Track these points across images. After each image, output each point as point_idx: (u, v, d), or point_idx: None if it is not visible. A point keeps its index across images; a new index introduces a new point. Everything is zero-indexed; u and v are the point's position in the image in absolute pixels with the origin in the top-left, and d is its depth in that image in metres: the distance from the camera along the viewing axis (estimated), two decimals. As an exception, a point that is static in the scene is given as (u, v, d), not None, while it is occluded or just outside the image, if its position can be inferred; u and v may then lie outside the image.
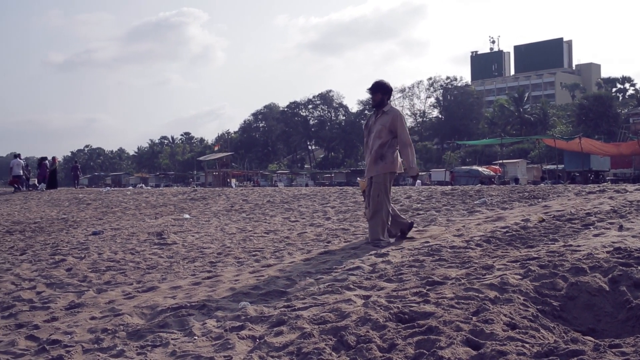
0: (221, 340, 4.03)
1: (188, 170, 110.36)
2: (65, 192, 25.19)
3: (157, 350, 4.01)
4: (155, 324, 4.63)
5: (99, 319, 5.06)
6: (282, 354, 3.66)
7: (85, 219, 14.25)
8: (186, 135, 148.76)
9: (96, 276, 7.15)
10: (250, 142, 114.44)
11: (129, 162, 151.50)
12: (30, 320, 5.35)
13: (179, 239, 9.55)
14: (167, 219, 12.86)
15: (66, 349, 4.28)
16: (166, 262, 7.67)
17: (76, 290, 6.48)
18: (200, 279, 6.34)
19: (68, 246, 9.78)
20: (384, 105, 7.67)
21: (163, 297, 5.60)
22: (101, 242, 9.98)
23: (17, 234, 12.27)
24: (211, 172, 70.15)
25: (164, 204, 16.35)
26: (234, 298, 5.14)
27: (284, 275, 5.86)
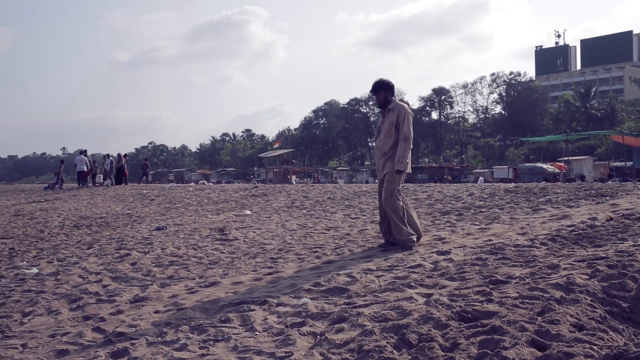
0: (282, 336, 4.04)
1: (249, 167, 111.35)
2: (130, 188, 25.75)
3: (219, 345, 4.05)
4: (217, 318, 4.67)
5: (163, 313, 5.15)
6: (343, 351, 3.64)
7: (149, 214, 14.53)
8: (247, 132, 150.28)
9: (160, 270, 7.28)
10: (311, 139, 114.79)
11: (191, 159, 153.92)
12: (97, 312, 5.49)
13: (241, 235, 9.64)
14: (229, 215, 13.00)
15: (131, 341, 4.37)
16: (228, 258, 7.75)
17: (140, 284, 6.61)
18: (262, 274, 6.39)
19: (133, 241, 9.99)
20: (388, 102, 7.47)
21: (225, 292, 5.66)
22: (164, 237, 10.16)
23: (84, 228, 12.62)
24: (272, 169, 70.71)
25: (226, 200, 16.53)
26: (294, 294, 5.15)
27: (345, 272, 5.84)
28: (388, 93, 7.47)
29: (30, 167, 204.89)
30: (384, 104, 7.48)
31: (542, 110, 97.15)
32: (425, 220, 9.69)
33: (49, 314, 5.67)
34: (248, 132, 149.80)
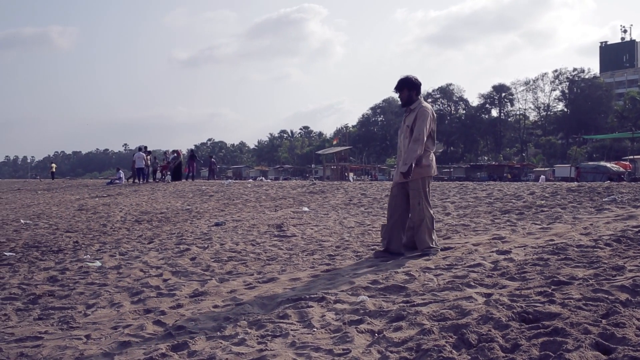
0: (340, 333, 4.04)
1: (306, 164, 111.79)
2: (189, 184, 26.15)
3: (277, 341, 4.06)
4: (275, 314, 4.70)
5: (221, 308, 5.20)
6: (401, 350, 3.61)
7: (208, 210, 14.72)
8: (305, 129, 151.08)
9: (218, 266, 7.37)
10: (369, 136, 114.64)
11: (249, 155, 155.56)
12: (157, 306, 5.58)
13: (298, 232, 9.68)
14: (287, 211, 13.06)
15: (190, 335, 4.43)
16: (285, 254, 7.79)
17: (200, 279, 6.70)
18: (319, 271, 6.40)
19: (192, 236, 10.14)
20: (412, 102, 6.97)
21: (282, 288, 5.69)
22: (223, 233, 10.27)
23: (145, 223, 12.87)
24: (329, 166, 70.78)
25: (284, 197, 16.63)
26: (352, 291, 5.13)
27: (403, 270, 5.80)
28: (412, 92, 6.97)
29: (94, 163, 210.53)
30: (407, 103, 7.01)
31: (606, 107, 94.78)
32: (485, 219, 9.55)
33: (111, 307, 5.80)
34: (306, 129, 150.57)
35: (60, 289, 6.88)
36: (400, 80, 7.02)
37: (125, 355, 4.20)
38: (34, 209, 18.91)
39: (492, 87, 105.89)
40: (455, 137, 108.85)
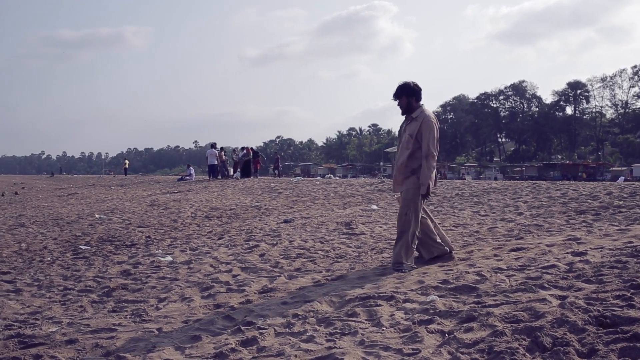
0: (409, 332, 3.99)
1: (375, 162, 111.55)
2: (258, 181, 26.40)
3: (345, 339, 4.04)
4: (344, 312, 4.68)
5: (290, 304, 5.21)
6: (473, 351, 3.54)
7: (276, 207, 14.82)
8: (374, 126, 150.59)
9: (287, 263, 7.40)
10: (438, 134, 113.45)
11: (317, 153, 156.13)
12: (227, 301, 5.64)
13: (367, 230, 9.64)
14: (355, 209, 13.03)
15: (259, 330, 4.46)
16: (354, 252, 7.76)
17: (269, 275, 6.75)
18: (388, 270, 6.34)
19: (261, 233, 10.22)
20: (412, 109, 6.56)
21: (351, 286, 5.66)
22: (292, 229, 10.32)
23: (214, 219, 13.05)
24: (398, 164, 70.29)
25: (352, 195, 16.60)
26: (422, 291, 5.06)
27: (474, 270, 5.69)
28: (412, 98, 6.55)
29: (165, 159, 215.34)
30: (407, 111, 6.59)
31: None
32: (559, 220, 9.29)
33: (182, 301, 5.89)
34: (374, 127, 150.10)
35: (133, 282, 7.04)
36: (398, 87, 6.62)
37: (195, 349, 4.25)
38: (108, 204, 19.44)
39: (566, 84, 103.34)
40: (528, 135, 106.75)
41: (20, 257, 9.73)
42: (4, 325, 5.48)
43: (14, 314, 6.00)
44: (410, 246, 6.40)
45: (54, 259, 9.27)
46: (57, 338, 4.91)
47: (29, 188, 39.75)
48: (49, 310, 6.04)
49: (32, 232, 13.28)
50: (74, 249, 10.13)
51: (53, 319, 5.61)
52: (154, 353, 4.21)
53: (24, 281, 7.67)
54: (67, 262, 8.87)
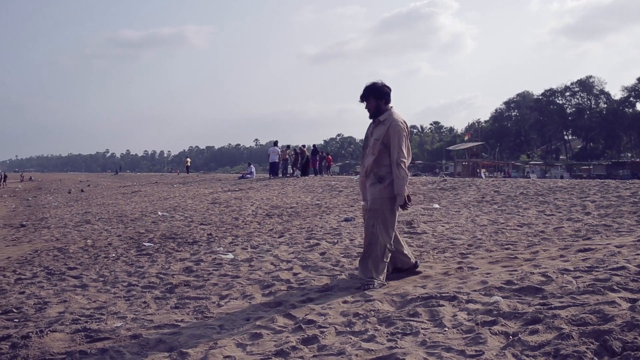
0: (472, 334, 3.91)
1: (436, 160, 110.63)
2: (319, 179, 26.45)
3: (407, 339, 3.99)
4: (405, 312, 4.62)
5: (351, 303, 5.18)
6: (538, 354, 3.44)
7: (337, 205, 14.81)
8: (435, 124, 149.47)
9: (348, 261, 7.37)
10: (502, 132, 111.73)
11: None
12: (288, 299, 5.65)
13: (429, 229, 9.53)
14: (417, 208, 12.91)
15: (320, 329, 4.44)
16: (416, 251, 7.67)
17: (329, 273, 6.73)
18: (451, 269, 6.25)
19: (322, 231, 10.22)
20: (380, 112, 6.09)
21: (413, 285, 5.60)
22: (353, 228, 10.28)
23: (275, 217, 13.12)
24: (460, 162, 69.74)
25: (413, 193, 16.44)
26: (485, 291, 4.96)
27: (539, 271, 5.54)
28: (380, 101, 6.08)
29: (226, 157, 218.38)
30: (376, 114, 6.12)
31: None
32: (629, 220, 8.99)
33: (243, 298, 5.93)
34: (436, 125, 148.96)
35: (195, 279, 7.12)
36: (365, 87, 6.17)
37: (257, 347, 4.27)
38: (170, 202, 19.80)
39: (636, 79, 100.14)
40: (595, 133, 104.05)
41: (86, 253, 9.99)
42: (71, 319, 5.61)
43: (80, 308, 6.15)
44: (382, 260, 5.90)
45: (118, 255, 9.48)
46: (122, 333, 5.00)
47: (94, 186, 40.90)
48: (113, 305, 6.17)
49: (98, 228, 13.63)
50: (137, 245, 10.34)
51: (118, 314, 5.72)
52: (216, 350, 4.25)
53: (89, 277, 7.86)
54: (131, 259, 9.05)
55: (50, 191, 38.86)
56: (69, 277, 7.89)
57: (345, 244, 8.60)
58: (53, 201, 27.07)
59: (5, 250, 11.46)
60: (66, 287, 7.33)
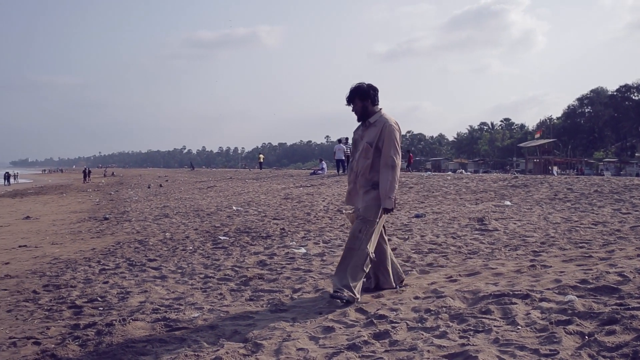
0: (546, 332, 3.89)
1: (507, 157, 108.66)
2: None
3: (479, 336, 4.00)
4: (477, 309, 4.62)
5: (422, 299, 5.22)
6: (615, 355, 3.40)
7: (407, 201, 14.79)
8: (506, 121, 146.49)
9: (419, 257, 7.39)
10: (574, 129, 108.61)
11: (448, 148, 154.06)
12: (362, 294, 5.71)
13: (500, 226, 9.44)
14: (488, 205, 12.78)
15: (392, 324, 4.50)
16: (487, 249, 7.64)
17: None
18: (523, 267, 6.19)
19: (392, 227, 10.24)
20: (369, 114, 5.75)
21: (485, 283, 5.58)
22: (423, 224, 10.28)
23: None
24: (531, 159, 68.34)
25: (484, 190, 16.27)
26: (559, 290, 4.91)
27: (615, 270, 5.44)
28: (367, 102, 5.74)
29: (298, 154, 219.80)
30: (364, 116, 5.78)
31: None
32: None
33: (315, 292, 6.03)
34: (507, 122, 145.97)
35: (269, 272, 7.28)
36: (350, 89, 5.81)
37: (329, 340, 4.35)
38: (244, 197, 20.13)
39: None
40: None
41: (165, 245, 10.31)
42: (151, 309, 5.84)
43: (160, 298, 6.38)
44: (361, 269, 5.50)
45: (195, 248, 9.74)
46: (199, 323, 5.19)
47: (172, 181, 41.90)
48: (191, 296, 6.37)
49: (175, 222, 14.01)
50: (213, 239, 10.59)
51: (195, 305, 5.91)
52: (289, 342, 4.35)
53: (168, 268, 8.12)
54: (207, 252, 9.29)
55: (131, 186, 40.05)
56: (149, 269, 8.19)
57: (416, 240, 8.61)
58: (134, 195, 27.91)
59: (90, 241, 11.95)
60: (146, 277, 7.61)
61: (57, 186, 48.57)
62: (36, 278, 8.23)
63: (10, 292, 7.43)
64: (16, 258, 10.33)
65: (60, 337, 5.19)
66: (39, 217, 19.61)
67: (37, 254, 10.64)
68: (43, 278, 8.19)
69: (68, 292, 7.12)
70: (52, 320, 5.88)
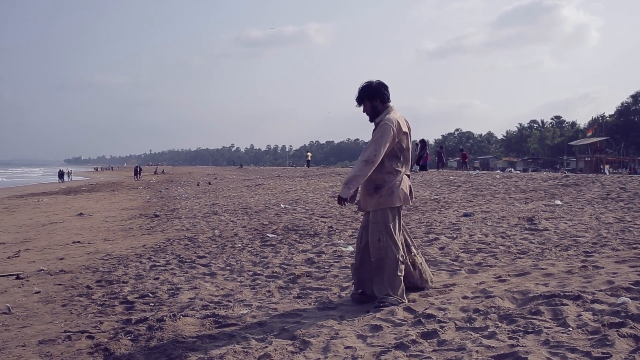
0: (598, 335, 3.82)
1: (557, 155, 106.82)
2: (437, 174, 26.22)
3: (528, 337, 3.96)
4: (527, 309, 4.57)
5: (471, 299, 5.18)
6: (671, 359, 3.34)
7: (455, 200, 14.68)
8: (557, 118, 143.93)
9: (467, 257, 7.34)
10: (628, 126, 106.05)
11: (497, 146, 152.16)
12: (408, 294, 5.70)
13: (551, 226, 9.30)
14: (538, 204, 12.60)
15: (440, 324, 4.48)
16: (537, 248, 7.54)
17: (448, 269, 6.74)
18: (574, 268, 6.09)
19: (441, 226, 10.19)
20: (378, 113, 5.51)
21: (534, 283, 5.51)
22: (472, 223, 10.20)
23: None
24: (583, 158, 67.05)
25: (534, 189, 16.04)
26: (612, 292, 4.81)
27: (670, 272, 5.33)
28: (375, 101, 5.51)
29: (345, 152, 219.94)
30: (374, 116, 5.54)
31: None
32: None
33: (363, 291, 6.03)
34: (557, 119, 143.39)
35: (317, 270, 7.32)
36: (359, 89, 5.58)
37: (377, 339, 4.36)
38: (292, 195, 20.25)
39: None
40: None
41: (214, 242, 10.45)
42: (201, 305, 5.94)
43: (209, 295, 6.48)
44: (396, 275, 5.38)
45: (244, 245, 9.85)
46: (248, 320, 5.25)
47: (220, 178, 42.44)
48: (239, 293, 6.45)
49: (224, 219, 14.18)
50: (261, 236, 10.70)
51: (244, 302, 5.99)
52: (337, 340, 4.37)
53: (217, 265, 8.24)
54: (255, 249, 9.39)
55: (181, 183, 40.66)
56: (199, 265, 8.32)
57: (464, 239, 8.55)
58: (183, 193, 28.31)
59: (142, 238, 12.18)
60: (196, 274, 7.73)
61: (109, 184, 49.54)
62: (89, 273, 8.44)
63: (65, 287, 7.64)
64: (70, 254, 10.60)
65: (112, 332, 5.32)
66: (91, 213, 20.05)
67: (90, 250, 10.90)
68: (96, 273, 8.39)
69: (120, 287, 7.29)
70: (105, 315, 6.03)
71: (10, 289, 7.74)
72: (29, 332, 5.59)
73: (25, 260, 10.16)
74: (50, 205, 25.92)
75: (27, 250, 11.43)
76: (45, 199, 29.96)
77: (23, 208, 24.54)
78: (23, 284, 7.99)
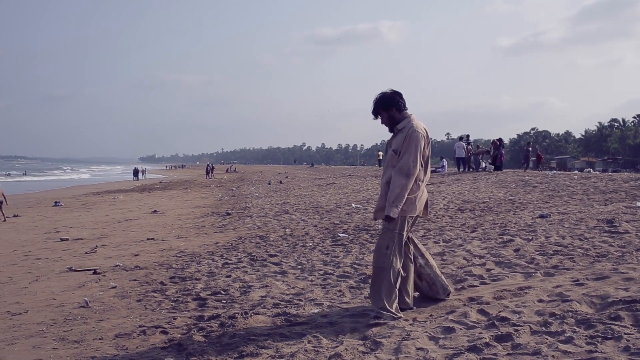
0: (683, 342, 3.67)
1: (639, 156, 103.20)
2: (512, 174, 25.71)
3: (607, 343, 3.83)
4: (606, 314, 4.43)
5: (547, 303, 5.05)
6: None
7: (531, 201, 14.35)
8: (639, 117, 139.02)
9: (543, 259, 7.16)
10: None
11: (574, 146, 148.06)
12: (480, 295, 5.62)
13: (632, 228, 8.96)
14: (618, 206, 12.18)
15: (514, 327, 4.39)
16: (617, 252, 7.28)
17: (523, 271, 6.59)
18: (658, 273, 5.87)
19: (515, 227, 9.97)
20: (396, 121, 5.42)
21: (614, 287, 5.32)
22: (548, 225, 9.94)
23: (467, 212, 12.98)
24: (667, 158, 64.44)
25: (614, 190, 15.53)
26: (697, 298, 4.61)
27: None
28: (391, 110, 5.42)
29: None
30: (392, 125, 5.47)
31: None
32: None
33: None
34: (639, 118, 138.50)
35: (387, 271, 7.26)
36: (373, 103, 5.50)
37: (449, 341, 4.31)
38: (363, 194, 20.22)
39: None
40: None
41: (285, 241, 10.54)
42: (272, 304, 6.00)
43: (280, 293, 6.54)
44: (394, 287, 5.25)
45: (315, 244, 9.90)
46: (319, 320, 5.27)
47: (291, 178, 42.77)
48: (310, 292, 6.48)
49: (295, 218, 14.29)
50: (332, 236, 10.72)
51: (315, 301, 6.01)
52: (409, 341, 4.34)
53: (288, 264, 8.30)
54: (326, 248, 9.41)
55: (252, 182, 41.26)
56: (270, 264, 8.41)
57: (540, 241, 8.34)
58: (254, 192, 28.70)
59: (214, 236, 12.40)
60: (267, 272, 7.82)
61: (182, 182, 50.65)
62: (163, 270, 8.64)
63: (139, 282, 7.85)
64: (145, 250, 10.88)
65: (185, 328, 5.44)
66: (165, 211, 20.54)
67: (164, 247, 11.16)
68: (170, 270, 8.58)
69: (193, 284, 7.43)
70: (178, 311, 6.16)
71: (88, 284, 8.02)
72: (105, 326, 5.76)
73: (102, 256, 10.50)
74: (126, 202, 26.71)
75: (103, 246, 11.81)
76: (120, 197, 30.92)
77: (99, 205, 25.40)
78: (100, 279, 8.26)
